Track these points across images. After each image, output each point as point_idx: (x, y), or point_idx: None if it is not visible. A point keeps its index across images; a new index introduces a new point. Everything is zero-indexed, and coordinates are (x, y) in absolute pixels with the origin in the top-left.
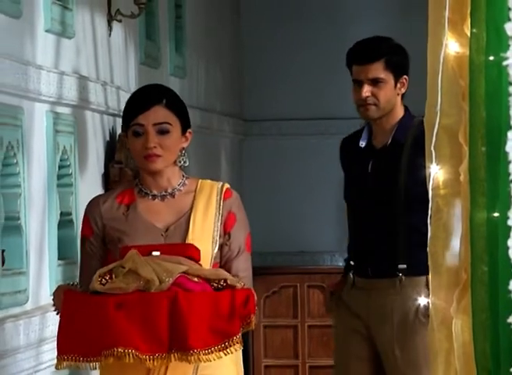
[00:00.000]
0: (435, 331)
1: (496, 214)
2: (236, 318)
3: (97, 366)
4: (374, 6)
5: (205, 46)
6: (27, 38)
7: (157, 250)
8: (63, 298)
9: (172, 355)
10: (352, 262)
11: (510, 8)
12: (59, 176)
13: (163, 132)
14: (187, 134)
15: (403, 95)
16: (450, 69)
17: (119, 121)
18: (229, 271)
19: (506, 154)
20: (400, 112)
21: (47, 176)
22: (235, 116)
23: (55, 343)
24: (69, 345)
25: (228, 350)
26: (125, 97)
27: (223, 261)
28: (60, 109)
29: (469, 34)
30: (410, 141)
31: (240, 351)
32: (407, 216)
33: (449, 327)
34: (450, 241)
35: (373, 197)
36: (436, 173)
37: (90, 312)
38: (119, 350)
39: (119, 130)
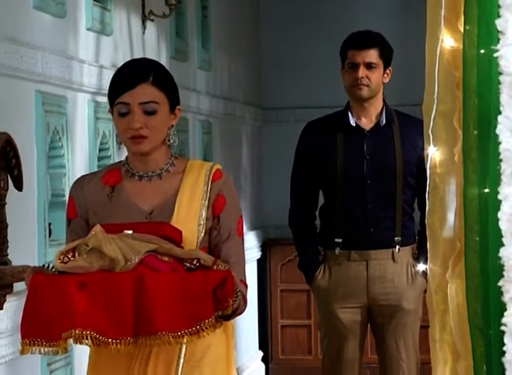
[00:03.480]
0: (432, 294)
1: (486, 190)
2: (208, 300)
3: (60, 351)
4: (379, 7)
5: (228, 42)
6: (71, 36)
7: (130, 229)
8: (30, 280)
9: (140, 339)
10: (338, 239)
11: (499, 6)
12: (99, 158)
13: (149, 112)
14: (176, 111)
15: (384, 85)
16: (446, 62)
17: None
18: (218, 256)
19: (496, 136)
20: (381, 99)
21: (88, 158)
22: (255, 104)
23: None
24: (32, 329)
25: (200, 334)
26: None
27: (212, 246)
28: (100, 99)
29: (462, 31)
30: (397, 123)
31: (234, 337)
32: (402, 192)
33: (444, 291)
34: (446, 215)
35: (371, 175)
36: (433, 153)
37: (52, 293)
38: (77, 332)
39: None
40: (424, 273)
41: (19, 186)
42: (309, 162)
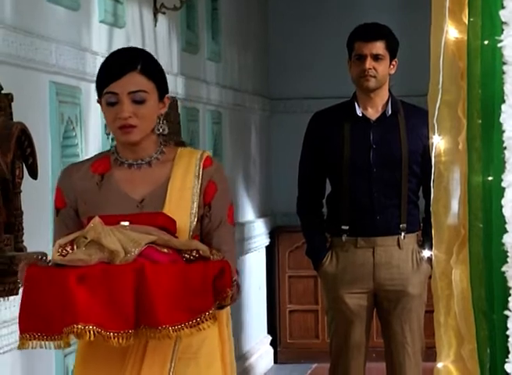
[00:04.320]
0: (437, 280)
1: (490, 177)
2: (208, 292)
3: (62, 345)
4: (385, 1)
5: (237, 34)
6: (84, 28)
7: (126, 220)
8: (25, 273)
9: (139, 332)
10: (345, 227)
11: None
12: (112, 147)
13: (138, 101)
14: (165, 100)
15: (390, 77)
16: (450, 53)
17: None
18: (209, 244)
19: (499, 124)
20: (387, 90)
21: (101, 147)
22: (263, 95)
23: None
24: (32, 322)
25: (200, 326)
26: (169, 79)
27: (203, 233)
28: None
29: (467, 22)
30: (403, 114)
31: (230, 326)
32: (407, 181)
33: (449, 276)
34: (450, 202)
35: (377, 164)
36: (438, 142)
37: (51, 286)
38: (79, 327)
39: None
40: (429, 259)
41: (33, 174)
42: (316, 151)
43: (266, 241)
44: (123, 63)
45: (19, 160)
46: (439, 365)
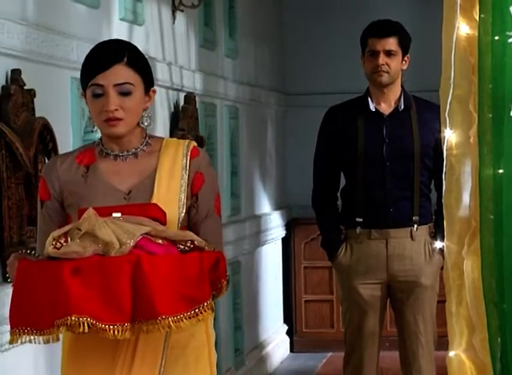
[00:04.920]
0: (449, 271)
1: (500, 170)
2: (205, 282)
3: (51, 340)
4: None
5: (254, 31)
6: (105, 25)
7: (117, 211)
8: (17, 267)
9: (137, 325)
10: (359, 219)
11: None
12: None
13: (125, 93)
14: (151, 93)
15: (402, 72)
16: (462, 48)
17: (182, 95)
18: (196, 235)
19: (510, 118)
20: (400, 85)
21: None
22: (279, 90)
23: None
24: (22, 317)
25: (199, 317)
26: (187, 75)
27: (191, 224)
28: None
29: (478, 18)
30: (415, 108)
31: (212, 318)
32: (419, 174)
33: (460, 267)
34: (462, 194)
35: (390, 158)
36: (450, 136)
37: (44, 280)
38: (73, 318)
39: (181, 103)
40: (441, 251)
41: None
42: (331, 145)
43: (282, 233)
44: (109, 55)
45: (42, 154)
46: (451, 353)
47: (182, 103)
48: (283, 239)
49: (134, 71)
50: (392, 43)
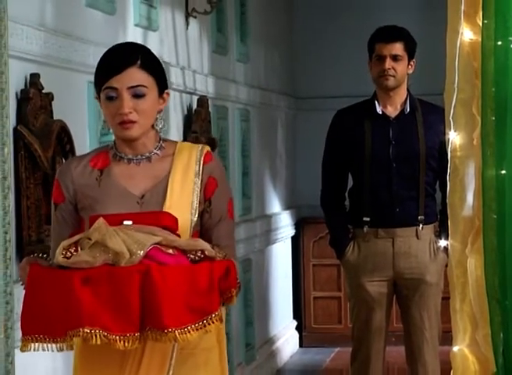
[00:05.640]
0: (453, 268)
1: (503, 171)
2: (215, 293)
3: (65, 348)
4: (404, 3)
5: (264, 37)
6: (120, 31)
7: (129, 219)
8: (28, 272)
9: (145, 335)
10: (367, 218)
11: None
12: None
13: (138, 96)
14: (165, 95)
15: (408, 76)
16: (465, 53)
17: (195, 99)
18: (209, 240)
19: None
20: (406, 89)
21: None
22: (289, 94)
23: None
24: (34, 324)
25: (207, 329)
26: (200, 79)
27: (204, 229)
28: None
29: (481, 24)
30: (420, 111)
31: (223, 325)
32: (425, 175)
33: (464, 265)
34: (466, 194)
35: (397, 159)
36: (454, 138)
37: (55, 288)
38: (85, 330)
39: (195, 106)
40: (446, 249)
41: None
42: (339, 147)
43: (292, 232)
44: (123, 58)
45: (59, 155)
46: (455, 348)
47: (195, 106)
48: (293, 238)
49: (148, 74)
50: (398, 48)
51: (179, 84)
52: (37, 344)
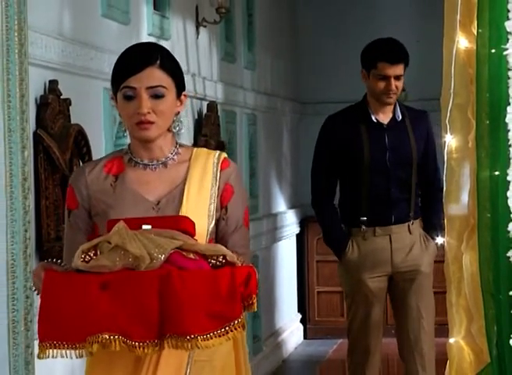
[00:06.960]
0: (449, 264)
1: (497, 172)
2: (236, 299)
3: (84, 354)
4: (403, 12)
5: (271, 45)
6: (134, 40)
7: (147, 223)
8: (43, 278)
9: (165, 342)
10: (364, 218)
11: (509, 10)
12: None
13: (157, 96)
14: (182, 98)
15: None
16: (461, 60)
17: (205, 104)
18: (224, 247)
19: (505, 124)
20: None
21: None
22: (294, 99)
23: None
24: (52, 331)
25: (229, 335)
26: (210, 85)
27: (219, 236)
28: None
29: (476, 33)
30: (408, 118)
31: (245, 333)
32: (416, 178)
33: (460, 261)
34: (461, 194)
35: (393, 164)
36: (450, 141)
37: (73, 293)
38: (105, 336)
39: (204, 111)
40: (433, 239)
41: None
42: (332, 152)
43: (296, 230)
44: (142, 57)
45: (77, 158)
46: (451, 340)
47: (205, 111)
48: (297, 235)
49: (167, 74)
50: (401, 68)
51: (190, 90)
52: (55, 350)
